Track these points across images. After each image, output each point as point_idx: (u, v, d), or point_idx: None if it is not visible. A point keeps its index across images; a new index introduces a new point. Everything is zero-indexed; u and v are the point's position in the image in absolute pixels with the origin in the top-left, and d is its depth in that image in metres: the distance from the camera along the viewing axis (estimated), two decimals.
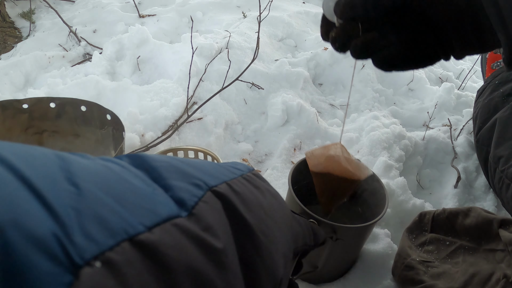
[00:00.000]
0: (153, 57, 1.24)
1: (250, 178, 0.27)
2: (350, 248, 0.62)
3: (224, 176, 0.24)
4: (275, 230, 0.25)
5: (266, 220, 0.24)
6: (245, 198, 0.24)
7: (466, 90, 1.35)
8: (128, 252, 0.15)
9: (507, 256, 0.60)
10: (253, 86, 1.12)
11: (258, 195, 0.25)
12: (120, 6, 1.68)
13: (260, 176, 0.29)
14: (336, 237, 0.56)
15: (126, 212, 0.16)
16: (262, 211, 0.24)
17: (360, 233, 0.60)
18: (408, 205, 0.77)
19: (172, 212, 0.18)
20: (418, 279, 0.60)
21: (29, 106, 0.76)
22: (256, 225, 0.23)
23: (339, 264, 0.65)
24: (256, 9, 1.31)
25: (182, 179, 0.21)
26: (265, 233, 0.23)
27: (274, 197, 0.28)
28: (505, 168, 0.72)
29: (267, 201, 0.26)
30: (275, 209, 0.26)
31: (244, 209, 0.23)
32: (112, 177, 0.17)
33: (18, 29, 1.68)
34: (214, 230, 0.19)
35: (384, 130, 0.95)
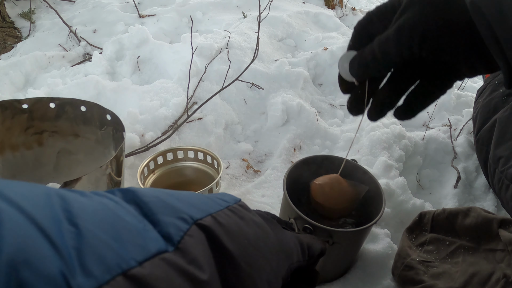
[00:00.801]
0: (153, 57, 1.24)
1: (236, 209, 0.28)
2: (348, 251, 0.62)
3: (210, 208, 0.26)
4: (259, 258, 0.26)
5: (249, 250, 0.26)
6: (229, 229, 0.25)
7: (466, 90, 1.35)
8: (122, 285, 0.17)
9: (507, 256, 0.60)
10: (253, 86, 1.12)
11: (243, 225, 0.27)
12: (120, 6, 1.68)
13: (246, 206, 0.30)
14: (332, 241, 0.56)
15: (121, 248, 0.18)
16: (246, 241, 0.26)
17: (356, 236, 0.60)
18: (408, 205, 0.77)
19: (160, 248, 0.20)
20: (418, 279, 0.60)
21: (29, 106, 0.76)
22: (239, 255, 0.24)
23: (337, 266, 0.65)
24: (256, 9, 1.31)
25: (169, 213, 0.23)
26: (248, 262, 0.25)
27: (258, 226, 0.29)
28: (504, 168, 0.72)
29: (251, 230, 0.27)
30: (260, 238, 0.28)
31: (228, 240, 0.24)
32: (108, 215, 0.20)
33: (18, 29, 1.68)
34: (199, 262, 0.21)
35: (384, 130, 0.95)
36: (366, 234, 0.62)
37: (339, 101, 1.18)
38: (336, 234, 0.56)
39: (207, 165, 0.80)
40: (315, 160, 0.68)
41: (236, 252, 0.24)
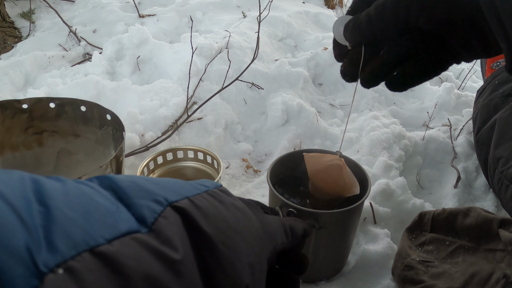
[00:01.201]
0: (153, 57, 1.24)
1: (215, 194, 0.28)
2: (337, 237, 0.60)
3: (187, 192, 0.26)
4: (238, 241, 0.26)
5: (228, 232, 0.25)
6: (207, 212, 0.25)
7: (466, 90, 1.35)
8: (88, 261, 0.17)
9: (507, 256, 0.60)
10: (253, 86, 1.12)
11: (222, 209, 0.27)
12: (120, 6, 1.68)
13: (227, 191, 0.30)
14: (319, 225, 0.55)
15: (89, 226, 0.18)
16: (225, 224, 0.26)
17: (343, 219, 0.58)
18: (408, 205, 0.77)
19: (131, 227, 0.20)
20: (418, 279, 0.60)
21: (29, 106, 0.76)
22: (217, 237, 0.24)
23: (330, 256, 0.63)
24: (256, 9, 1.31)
25: (144, 196, 0.23)
26: (226, 244, 0.25)
27: (239, 210, 0.29)
28: (504, 169, 0.72)
29: (231, 214, 0.27)
30: (240, 221, 0.27)
31: (204, 222, 0.24)
32: (80, 196, 0.20)
33: (18, 29, 1.68)
34: (172, 243, 0.21)
35: (384, 130, 0.95)
36: (353, 218, 0.60)
37: (339, 101, 1.18)
38: (321, 217, 0.55)
39: (207, 165, 0.80)
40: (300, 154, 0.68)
41: (213, 234, 0.24)
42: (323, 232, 0.56)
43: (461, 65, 1.55)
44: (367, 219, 0.73)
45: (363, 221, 0.73)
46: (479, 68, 1.26)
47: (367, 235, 0.71)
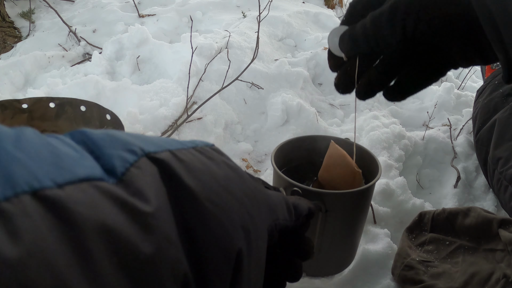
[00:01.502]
0: (153, 57, 1.24)
1: (204, 150, 0.25)
2: (345, 223, 0.56)
3: (169, 145, 0.23)
4: (229, 200, 0.23)
5: (217, 189, 0.22)
6: (191, 166, 0.22)
7: (466, 90, 1.35)
8: (27, 204, 0.14)
9: (506, 256, 0.60)
10: (252, 86, 1.12)
11: (211, 165, 0.24)
12: (120, 6, 1.68)
13: (219, 150, 0.28)
14: (325, 208, 0.51)
15: (37, 168, 0.16)
16: (213, 180, 0.23)
17: (352, 202, 0.54)
18: (408, 205, 0.77)
19: (93, 174, 0.17)
20: (417, 279, 0.60)
21: (28, 106, 0.76)
22: (202, 193, 0.21)
23: (337, 246, 0.59)
24: (256, 9, 1.31)
25: (117, 147, 0.20)
26: (213, 201, 0.22)
27: (232, 169, 0.26)
28: (504, 169, 0.72)
29: (222, 172, 0.24)
30: (232, 180, 0.25)
31: (188, 176, 0.21)
32: (37, 141, 0.17)
33: (17, 29, 1.68)
34: (144, 194, 0.18)
35: (384, 130, 0.95)
36: (364, 202, 0.56)
37: (339, 101, 1.18)
38: (328, 198, 0.50)
39: None
40: (308, 140, 0.65)
41: (198, 189, 0.21)
42: (330, 216, 0.51)
43: None
44: (367, 219, 0.73)
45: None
46: (479, 68, 1.26)
47: (367, 235, 0.71)
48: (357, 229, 0.59)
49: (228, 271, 0.21)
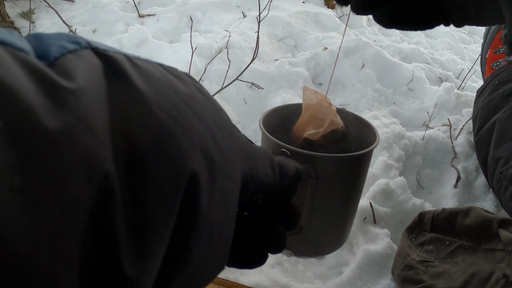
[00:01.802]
0: (153, 56, 1.24)
1: (172, 69, 0.22)
2: (338, 193, 0.50)
3: (129, 53, 0.19)
4: (190, 118, 0.19)
5: (175, 102, 0.19)
6: (148, 73, 0.19)
7: (466, 90, 1.35)
8: None
9: (506, 255, 0.60)
10: (252, 86, 1.12)
11: (175, 81, 0.20)
12: (120, 5, 1.68)
13: (195, 80, 0.24)
14: (316, 175, 0.45)
15: None
16: (172, 92, 0.19)
17: (346, 169, 0.49)
18: (408, 205, 0.77)
19: (13, 42, 0.14)
20: (417, 279, 0.60)
21: None
22: (154, 98, 0.18)
23: (327, 222, 0.53)
24: (256, 9, 1.31)
25: (62, 39, 0.17)
26: (168, 111, 0.18)
27: (204, 94, 0.22)
28: (503, 169, 0.72)
29: (187, 90, 0.21)
30: (199, 102, 0.21)
31: (140, 79, 0.18)
32: None
33: (18, 29, 1.68)
34: (71, 73, 0.15)
35: (384, 130, 0.95)
36: (360, 170, 0.51)
37: (339, 101, 1.18)
38: (319, 163, 0.45)
39: None
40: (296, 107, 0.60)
41: (149, 94, 0.17)
42: (321, 184, 0.46)
43: (461, 65, 1.55)
44: (367, 219, 0.73)
45: (363, 221, 0.73)
46: (479, 68, 1.26)
47: (367, 235, 0.71)
48: (351, 201, 0.53)
49: (175, 194, 0.17)
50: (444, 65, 1.53)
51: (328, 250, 0.58)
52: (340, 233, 0.56)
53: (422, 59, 1.49)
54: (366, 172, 0.53)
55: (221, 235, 0.22)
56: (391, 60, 1.30)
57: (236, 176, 0.23)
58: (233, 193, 0.22)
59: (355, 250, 0.69)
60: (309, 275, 0.66)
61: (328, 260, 0.69)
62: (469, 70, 1.43)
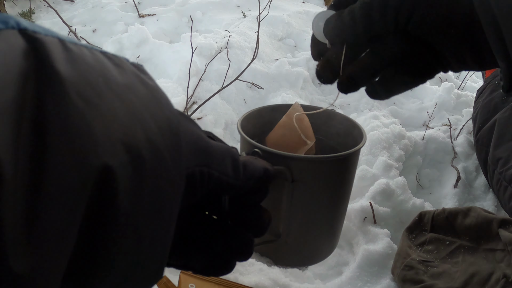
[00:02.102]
0: (153, 56, 1.24)
1: (116, 58, 0.20)
2: (318, 199, 0.45)
3: (64, 37, 0.18)
4: (116, 108, 0.18)
5: (100, 89, 0.17)
6: (78, 58, 0.18)
7: (466, 89, 1.35)
8: None
9: (506, 255, 0.60)
10: (252, 85, 1.12)
11: (111, 68, 0.19)
12: (120, 5, 1.68)
13: (145, 71, 0.23)
14: (292, 177, 0.41)
15: None
16: (100, 79, 0.18)
17: (325, 171, 0.43)
18: (407, 204, 0.77)
19: None
20: (417, 279, 0.60)
21: None
22: (74, 84, 0.16)
23: (308, 230, 0.47)
24: (256, 9, 1.31)
25: None
26: (87, 99, 0.17)
27: (146, 86, 0.21)
28: (503, 170, 0.72)
29: (123, 79, 0.19)
30: (135, 92, 0.20)
31: (64, 63, 0.17)
32: None
33: None
34: None
35: (384, 130, 0.95)
36: (344, 174, 0.45)
37: (339, 101, 1.18)
38: (295, 164, 0.40)
39: None
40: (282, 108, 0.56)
41: (70, 79, 0.16)
42: (298, 188, 0.41)
43: None
44: (367, 219, 0.73)
45: (363, 221, 0.73)
46: None
47: (367, 235, 0.71)
48: (335, 206, 0.48)
49: (80, 187, 0.16)
50: None
51: (311, 261, 0.52)
52: (324, 242, 0.50)
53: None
54: (352, 175, 0.48)
55: (154, 240, 0.20)
56: None
57: (177, 176, 0.21)
58: (170, 195, 0.20)
59: (355, 250, 0.69)
60: (309, 275, 0.66)
61: (328, 260, 0.69)
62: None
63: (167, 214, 0.21)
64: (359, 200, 0.78)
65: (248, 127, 0.51)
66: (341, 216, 0.51)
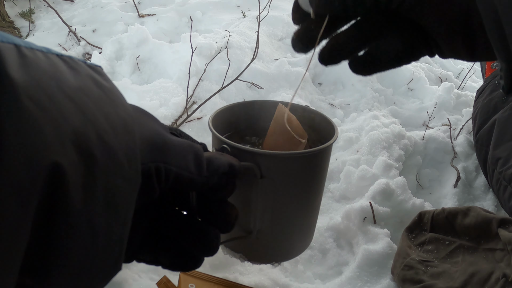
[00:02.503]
0: (153, 56, 1.24)
1: (72, 61, 0.21)
2: (288, 196, 0.44)
3: (21, 42, 0.19)
4: (66, 110, 0.19)
5: (52, 93, 0.18)
6: (32, 64, 0.18)
7: (466, 89, 1.35)
8: None
9: (506, 255, 0.60)
10: (252, 85, 1.12)
11: (66, 72, 0.20)
12: (120, 5, 1.68)
13: (103, 73, 0.24)
14: (260, 174, 0.40)
15: None
16: (53, 82, 0.19)
17: (294, 168, 0.42)
18: (407, 204, 0.77)
19: None
20: (417, 279, 0.60)
21: None
22: (26, 89, 0.17)
23: (280, 226, 0.46)
24: (256, 9, 1.31)
25: None
26: (38, 102, 0.17)
27: (101, 88, 0.22)
28: (503, 169, 0.72)
29: (77, 82, 0.20)
30: (88, 94, 0.20)
31: (18, 69, 0.17)
32: None
33: (17, 28, 1.68)
34: None
35: (384, 130, 0.95)
36: (314, 171, 0.44)
37: (338, 101, 1.18)
38: (262, 161, 0.39)
39: None
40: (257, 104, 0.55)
41: (22, 84, 0.17)
42: (267, 184, 0.41)
43: (461, 65, 1.55)
44: (367, 218, 0.73)
45: (363, 221, 0.73)
46: (478, 68, 1.26)
47: (367, 235, 0.71)
48: (306, 204, 0.47)
49: (30, 185, 0.17)
50: (444, 65, 1.53)
51: (283, 257, 0.52)
52: (296, 239, 0.49)
53: (422, 58, 1.48)
54: (323, 171, 0.47)
55: (110, 235, 0.21)
56: None
57: (132, 173, 0.22)
58: (125, 191, 0.21)
59: (355, 250, 0.69)
60: (309, 275, 0.66)
61: (328, 260, 0.69)
62: (469, 70, 1.43)
63: (123, 210, 0.21)
64: (359, 200, 0.78)
65: (220, 123, 0.50)
66: (313, 212, 0.50)
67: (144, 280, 0.56)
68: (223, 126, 0.51)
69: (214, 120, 0.49)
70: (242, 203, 0.33)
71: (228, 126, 0.53)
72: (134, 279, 0.55)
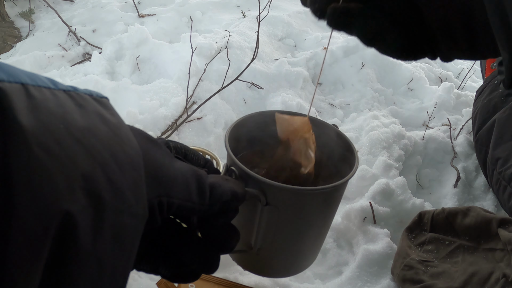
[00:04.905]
0: (153, 56, 1.24)
1: (79, 97, 0.21)
2: (292, 226, 0.43)
3: (28, 79, 0.19)
4: (75, 154, 0.19)
5: (61, 137, 0.19)
6: (40, 105, 0.18)
7: (466, 89, 1.35)
8: None
9: (506, 255, 0.60)
10: (252, 85, 1.12)
11: (74, 111, 0.20)
12: (120, 5, 1.68)
13: (109, 105, 0.24)
14: (265, 201, 0.39)
15: None
16: (62, 126, 0.19)
17: (300, 201, 0.41)
18: (407, 204, 0.77)
19: None
20: (417, 279, 0.60)
21: None
22: (36, 136, 0.17)
23: (280, 249, 0.46)
24: (256, 9, 1.31)
25: None
26: (48, 149, 0.18)
27: (107, 124, 0.22)
28: (502, 169, 0.72)
29: (85, 121, 0.20)
30: (96, 133, 0.21)
31: (27, 113, 0.17)
32: None
33: (17, 28, 1.68)
34: None
35: (384, 130, 0.95)
36: (323, 206, 0.42)
37: (338, 101, 1.18)
38: (269, 190, 0.38)
39: None
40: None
41: (32, 130, 0.17)
42: (271, 212, 0.40)
43: (461, 65, 1.55)
44: (367, 218, 0.73)
45: (363, 220, 0.73)
46: (478, 68, 1.26)
47: (367, 235, 0.71)
48: (311, 236, 0.46)
49: (42, 235, 0.17)
50: (444, 65, 1.53)
51: (283, 274, 0.51)
52: (297, 261, 0.49)
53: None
54: (334, 207, 0.45)
55: (116, 269, 0.21)
56: (391, 60, 1.30)
57: (140, 209, 0.22)
58: (133, 227, 0.22)
59: (355, 250, 0.69)
60: (309, 275, 0.66)
61: (328, 260, 0.69)
62: (469, 70, 1.43)
63: (129, 245, 0.22)
64: (359, 200, 0.78)
65: (238, 137, 0.47)
66: (317, 242, 0.48)
67: (144, 280, 0.56)
68: (240, 139, 0.47)
69: (231, 133, 0.46)
70: (244, 220, 0.32)
71: (245, 141, 0.49)
72: (134, 279, 0.56)
